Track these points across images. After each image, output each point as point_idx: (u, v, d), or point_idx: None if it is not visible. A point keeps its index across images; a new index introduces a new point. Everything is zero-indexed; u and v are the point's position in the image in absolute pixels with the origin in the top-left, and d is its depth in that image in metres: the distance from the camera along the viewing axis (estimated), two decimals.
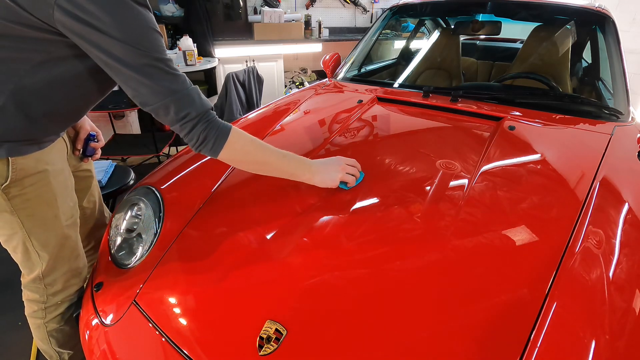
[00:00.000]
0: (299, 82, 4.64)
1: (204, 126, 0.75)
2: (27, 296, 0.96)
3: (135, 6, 0.67)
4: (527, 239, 0.75)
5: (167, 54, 0.72)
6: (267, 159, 0.84)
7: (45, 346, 1.03)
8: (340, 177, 0.89)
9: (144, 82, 0.69)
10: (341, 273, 0.72)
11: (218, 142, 0.77)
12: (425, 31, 2.53)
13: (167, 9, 3.54)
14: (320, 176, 0.88)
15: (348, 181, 0.90)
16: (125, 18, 0.65)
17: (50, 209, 0.85)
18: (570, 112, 1.31)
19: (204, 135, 0.75)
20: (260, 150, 0.84)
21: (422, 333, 0.61)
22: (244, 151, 0.81)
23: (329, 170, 0.89)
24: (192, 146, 0.77)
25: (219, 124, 0.77)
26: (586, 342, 0.57)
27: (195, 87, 0.76)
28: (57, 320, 0.99)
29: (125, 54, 0.66)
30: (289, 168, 0.87)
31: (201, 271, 0.79)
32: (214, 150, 0.77)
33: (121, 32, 0.65)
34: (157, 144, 2.62)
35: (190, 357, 0.65)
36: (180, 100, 0.72)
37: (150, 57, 0.68)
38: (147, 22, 0.69)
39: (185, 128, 0.74)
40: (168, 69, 0.71)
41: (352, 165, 0.93)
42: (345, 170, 0.90)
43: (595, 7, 1.59)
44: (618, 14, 3.24)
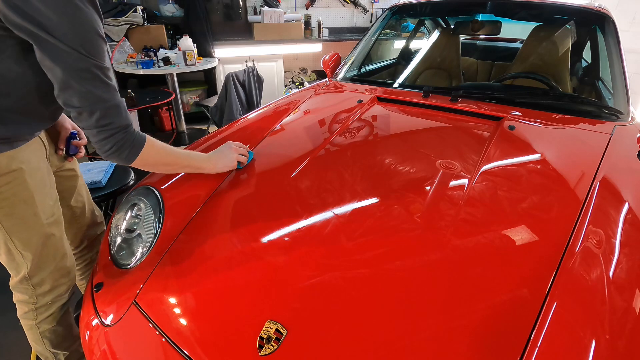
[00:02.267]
0: (298, 82, 4.64)
1: (121, 136, 0.76)
2: (17, 297, 0.96)
3: (84, 8, 0.66)
4: (527, 239, 0.75)
5: (107, 63, 0.73)
6: (174, 160, 0.92)
7: (40, 348, 1.03)
8: (237, 158, 1.03)
9: (75, 86, 0.68)
10: (341, 273, 0.72)
11: (133, 151, 0.79)
12: (425, 31, 2.53)
13: (167, 9, 3.54)
14: (220, 162, 1.00)
15: (242, 160, 1.05)
16: (71, 19, 0.65)
17: (28, 207, 0.85)
18: (570, 112, 1.31)
19: (120, 144, 0.76)
20: (168, 155, 0.90)
21: (423, 333, 0.61)
22: (154, 158, 0.86)
23: (225, 154, 1.02)
24: (103, 152, 0.77)
25: (135, 135, 0.79)
26: (586, 342, 0.57)
27: (122, 99, 0.77)
28: (49, 321, 0.99)
29: (65, 56, 0.66)
30: (193, 163, 0.97)
31: (201, 271, 0.79)
32: (127, 159, 0.80)
33: (64, 33, 0.64)
34: None
35: (190, 357, 0.65)
36: (107, 109, 0.73)
37: (89, 62, 0.68)
38: (92, 27, 0.68)
39: (102, 134, 0.74)
40: (104, 78, 0.71)
41: (240, 146, 1.07)
42: (238, 151, 1.04)
43: (595, 7, 1.59)
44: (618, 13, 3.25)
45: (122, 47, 3.18)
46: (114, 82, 0.75)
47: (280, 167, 1.06)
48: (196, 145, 1.23)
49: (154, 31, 3.35)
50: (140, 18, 3.22)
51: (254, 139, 1.20)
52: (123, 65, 3.04)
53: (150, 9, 3.47)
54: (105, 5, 3.10)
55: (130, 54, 3.11)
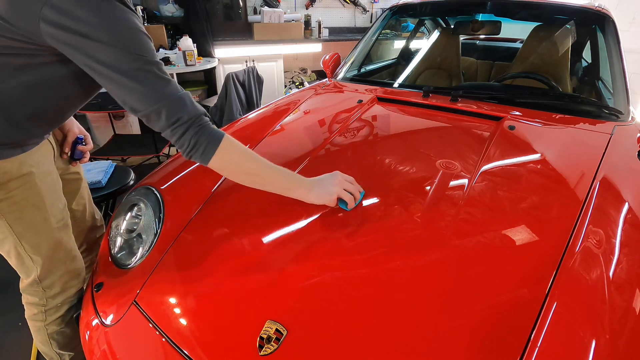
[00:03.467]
0: (298, 82, 4.64)
1: (195, 130, 0.72)
2: (27, 299, 0.95)
3: (124, 9, 0.65)
4: (527, 239, 0.75)
5: (157, 58, 0.71)
6: (259, 171, 0.81)
7: (46, 348, 1.03)
8: (338, 193, 0.83)
9: (135, 87, 0.67)
10: (341, 273, 0.72)
11: (209, 148, 0.74)
12: (425, 31, 2.53)
13: (167, 9, 3.54)
14: (315, 191, 0.83)
15: (347, 199, 0.84)
16: (114, 21, 0.64)
17: (39, 212, 0.84)
18: (570, 112, 1.31)
19: (195, 140, 0.72)
20: (252, 161, 0.80)
21: (423, 333, 0.61)
22: (235, 160, 0.78)
23: (325, 185, 0.84)
24: (183, 152, 0.74)
25: (211, 129, 0.75)
26: (586, 342, 0.57)
27: (187, 92, 0.74)
28: (57, 322, 0.98)
29: (115, 59, 0.64)
30: (282, 182, 0.83)
31: (201, 271, 0.79)
32: (205, 157, 0.74)
33: (111, 36, 0.63)
34: (157, 144, 2.62)
35: (190, 357, 0.65)
36: (171, 104, 0.70)
37: (141, 60, 0.66)
38: (135, 25, 0.67)
39: (177, 133, 0.72)
40: (160, 73, 0.69)
41: (350, 182, 0.87)
42: (343, 186, 0.84)
43: (595, 6, 1.59)
44: (618, 13, 3.25)
45: None
46: (169, 76, 0.72)
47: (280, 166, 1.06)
48: None
49: (154, 31, 3.35)
50: (140, 18, 3.21)
51: (254, 139, 1.21)
52: None
53: (150, 9, 3.47)
54: None
55: None
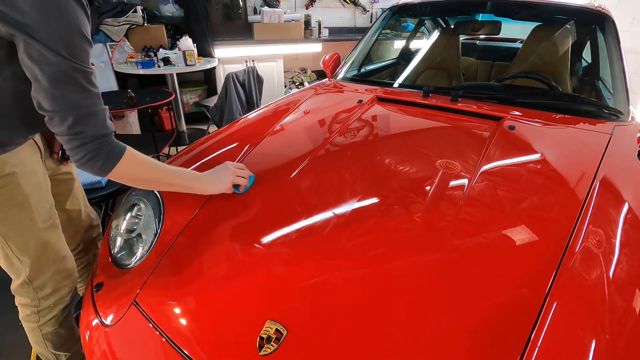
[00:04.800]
0: (298, 82, 4.64)
1: (94, 146, 0.70)
2: (19, 301, 0.95)
3: (68, 7, 0.62)
4: (527, 239, 0.75)
5: (89, 67, 0.68)
6: (158, 177, 0.85)
7: (42, 349, 1.03)
8: (232, 180, 0.92)
9: (48, 88, 0.64)
10: (341, 273, 0.72)
11: (108, 164, 0.73)
12: (425, 31, 2.53)
13: (167, 9, 3.55)
14: (212, 185, 0.92)
15: (240, 183, 0.94)
16: (53, 18, 0.61)
17: (23, 212, 0.83)
18: (570, 112, 1.31)
19: (92, 155, 0.71)
20: (151, 171, 0.83)
21: (423, 333, 0.61)
22: (133, 173, 0.79)
23: (219, 176, 0.92)
24: (75, 161, 0.72)
25: (111, 146, 0.73)
26: (586, 342, 0.57)
27: (104, 108, 0.72)
28: (51, 323, 0.98)
29: (41, 56, 0.61)
30: (181, 182, 0.89)
31: (201, 271, 0.79)
32: (101, 171, 0.73)
33: (44, 32, 0.60)
34: (157, 144, 2.62)
35: (190, 357, 0.65)
36: (80, 116, 0.67)
37: (68, 65, 0.63)
38: (76, 27, 0.64)
39: (73, 142, 0.69)
40: (83, 83, 0.67)
41: (240, 168, 0.97)
42: (235, 173, 0.93)
43: (595, 6, 1.59)
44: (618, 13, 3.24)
45: (122, 47, 3.17)
46: (97, 88, 0.70)
47: (280, 167, 1.06)
48: (196, 145, 1.23)
49: (154, 31, 3.35)
50: (140, 18, 3.22)
51: (254, 139, 1.21)
52: (123, 65, 3.04)
53: (150, 9, 3.47)
54: (105, 5, 3.10)
55: (130, 54, 3.11)
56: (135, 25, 3.21)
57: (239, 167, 0.97)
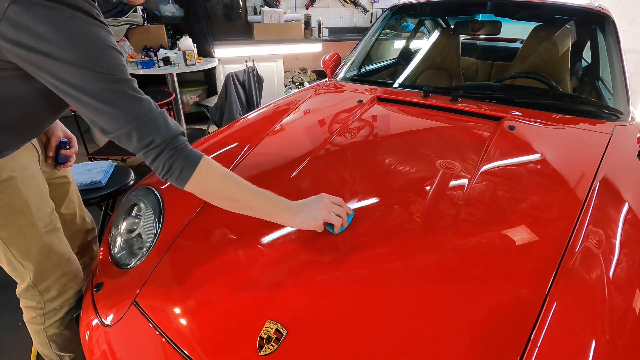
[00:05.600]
0: (298, 82, 4.64)
1: (169, 154, 0.67)
2: (24, 303, 0.95)
3: (90, 22, 0.60)
4: (527, 239, 0.75)
5: (129, 75, 0.65)
6: (240, 195, 0.75)
7: (46, 350, 1.02)
8: (324, 217, 0.77)
9: (103, 108, 0.62)
10: (341, 273, 0.72)
11: (185, 172, 0.69)
12: (425, 31, 2.53)
13: (167, 9, 3.55)
14: (300, 216, 0.77)
15: (334, 222, 0.79)
16: (77, 37, 0.58)
17: (24, 217, 0.82)
18: (570, 112, 1.31)
19: (169, 163, 0.68)
20: (232, 185, 0.75)
21: (423, 333, 0.61)
22: (213, 185, 0.74)
23: (311, 209, 0.78)
24: (158, 174, 0.70)
25: (187, 152, 0.70)
26: (586, 342, 0.57)
27: (162, 111, 0.69)
28: (56, 325, 0.98)
29: (80, 79, 0.59)
30: (265, 206, 0.77)
31: (201, 271, 0.79)
32: (180, 181, 0.70)
33: (74, 54, 0.58)
34: None
35: (190, 357, 0.65)
36: (143, 126, 0.65)
37: (109, 79, 0.61)
38: (103, 40, 0.62)
39: (150, 156, 0.67)
40: (130, 92, 0.64)
41: (337, 204, 0.81)
42: (330, 209, 0.79)
43: (595, 6, 1.59)
44: (618, 13, 3.24)
45: (122, 47, 3.17)
46: (143, 94, 0.67)
47: (280, 167, 1.06)
48: (196, 146, 1.23)
49: (154, 31, 3.35)
50: (140, 18, 3.22)
51: (254, 139, 1.21)
52: None
53: (150, 9, 3.47)
54: (105, 5, 3.10)
55: (130, 54, 3.11)
56: (135, 25, 3.21)
57: (337, 202, 0.81)
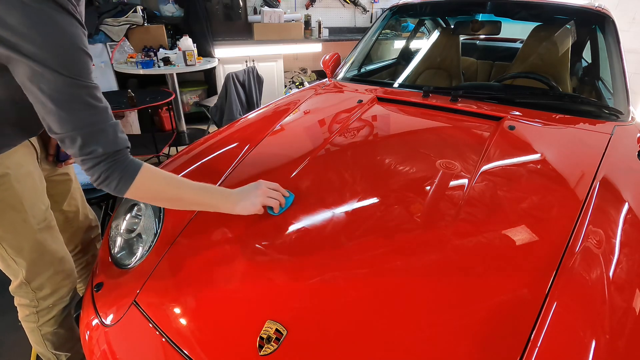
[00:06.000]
0: (298, 82, 4.64)
1: (107, 165, 0.67)
2: (18, 301, 0.95)
3: (65, 20, 0.58)
4: (527, 239, 0.75)
5: (92, 81, 0.64)
6: (181, 195, 0.78)
7: (42, 349, 1.03)
8: (262, 202, 0.84)
9: (53, 109, 0.60)
10: (342, 273, 0.72)
11: (123, 182, 0.69)
12: (425, 31, 2.53)
13: (167, 9, 3.55)
14: (241, 204, 0.83)
15: (272, 205, 0.86)
16: (47, 35, 0.56)
17: (17, 213, 0.82)
18: (570, 112, 1.31)
19: (106, 174, 0.67)
20: (173, 188, 0.78)
21: (423, 333, 0.61)
22: (153, 191, 0.75)
23: (249, 196, 0.84)
24: (92, 182, 0.69)
25: (126, 163, 0.70)
26: (586, 342, 0.57)
27: (116, 122, 0.68)
28: (50, 323, 0.98)
29: (40, 77, 0.58)
30: (206, 200, 0.82)
31: (201, 271, 0.79)
32: (118, 191, 0.70)
33: (40, 51, 0.56)
34: (157, 144, 2.62)
35: (190, 357, 0.65)
36: (89, 135, 0.64)
37: (70, 83, 0.60)
38: (73, 41, 0.60)
39: (87, 163, 0.66)
40: (88, 99, 0.63)
41: (274, 189, 0.88)
42: (267, 194, 0.85)
43: (595, 6, 1.59)
44: (618, 13, 3.25)
45: (122, 47, 3.18)
46: (103, 103, 0.67)
47: (280, 167, 1.06)
48: (196, 145, 1.23)
49: (154, 31, 3.35)
50: (140, 18, 3.22)
51: (254, 139, 1.21)
52: (123, 65, 3.04)
53: (150, 9, 3.47)
54: (105, 5, 3.10)
55: (130, 54, 3.11)
56: (135, 25, 3.21)
57: (273, 186, 0.89)
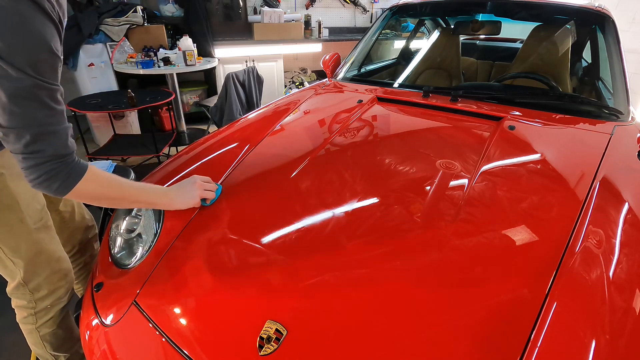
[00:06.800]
0: (298, 82, 4.64)
1: (52, 166, 0.65)
2: (16, 303, 0.95)
3: (37, 15, 0.56)
4: (527, 239, 0.75)
5: (56, 83, 0.62)
6: (121, 194, 0.80)
7: (40, 351, 1.02)
8: (199, 194, 0.90)
9: (6, 104, 0.58)
10: (341, 273, 0.72)
11: (66, 184, 0.67)
12: (425, 31, 2.53)
13: (167, 9, 3.55)
14: (179, 199, 0.88)
15: (207, 197, 0.92)
16: (16, 30, 0.55)
17: (13, 213, 0.82)
18: (570, 112, 1.31)
19: (49, 175, 0.65)
20: (113, 189, 0.78)
21: (422, 333, 0.61)
22: (95, 192, 0.75)
23: (186, 190, 0.89)
24: (29, 181, 0.66)
25: (71, 166, 0.68)
26: (586, 342, 0.57)
27: (67, 127, 0.66)
28: (49, 324, 0.98)
29: (3, 71, 0.56)
30: (146, 198, 0.85)
31: (201, 271, 0.79)
32: (58, 192, 0.68)
33: (7, 47, 0.55)
34: (157, 144, 2.62)
35: (190, 357, 0.65)
36: (41, 135, 0.62)
37: (32, 81, 0.58)
38: (44, 42, 0.58)
39: (28, 161, 0.63)
40: (46, 100, 0.61)
41: (206, 181, 0.94)
42: (202, 187, 0.91)
43: (595, 6, 1.59)
44: (618, 13, 3.25)
45: (122, 47, 3.18)
46: (62, 105, 0.65)
47: (280, 167, 1.06)
48: (196, 146, 1.23)
49: (154, 31, 3.35)
50: (140, 18, 3.22)
51: (254, 139, 1.21)
52: (123, 65, 3.04)
53: (150, 9, 3.47)
54: (105, 5, 3.10)
55: (130, 54, 3.11)
56: (135, 25, 3.21)
57: (206, 180, 0.95)
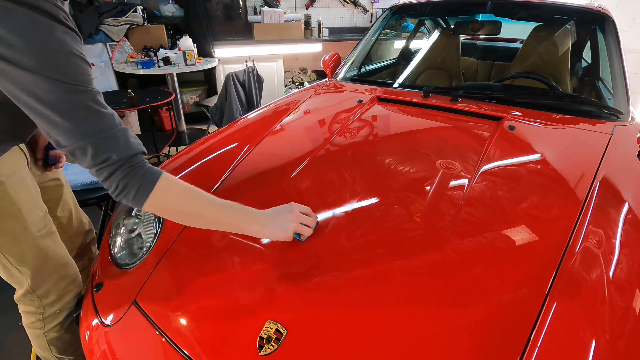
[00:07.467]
0: (298, 82, 4.64)
1: (124, 173, 0.63)
2: (23, 308, 0.94)
3: (55, 27, 0.56)
4: (527, 239, 0.75)
5: (93, 86, 0.61)
6: (202, 210, 0.72)
7: (46, 354, 1.02)
8: (294, 228, 0.76)
9: (57, 120, 0.57)
10: (341, 273, 0.72)
11: (141, 192, 0.65)
12: (425, 31, 2.53)
13: (167, 9, 3.55)
14: (270, 227, 0.75)
15: (302, 232, 0.78)
16: (38, 42, 0.54)
17: (16, 221, 0.80)
18: (570, 112, 1.31)
19: (124, 183, 0.63)
20: (194, 201, 0.71)
21: (422, 333, 0.61)
22: (173, 203, 0.70)
23: (280, 219, 0.76)
24: (111, 194, 0.65)
25: (143, 171, 0.65)
26: (586, 342, 0.57)
27: (125, 128, 0.65)
28: (56, 329, 0.97)
29: (36, 86, 0.55)
30: (231, 220, 0.74)
31: (201, 271, 0.79)
32: (136, 202, 0.65)
33: (32, 59, 0.53)
34: (157, 144, 2.62)
35: (190, 357, 0.65)
36: (100, 142, 0.61)
37: (69, 89, 0.57)
38: (67, 47, 0.57)
39: (103, 173, 0.62)
40: (91, 104, 0.60)
41: (306, 213, 0.81)
42: (299, 220, 0.77)
43: (595, 6, 1.59)
44: (618, 13, 3.24)
45: (122, 47, 3.18)
46: (108, 109, 0.63)
47: (280, 167, 1.06)
48: (196, 146, 1.23)
49: (154, 31, 3.35)
50: (140, 18, 3.22)
51: (254, 139, 1.21)
52: (123, 65, 3.04)
53: (150, 9, 3.47)
54: (105, 5, 3.10)
55: (130, 54, 3.11)
56: (135, 25, 3.21)
57: (305, 211, 0.81)
